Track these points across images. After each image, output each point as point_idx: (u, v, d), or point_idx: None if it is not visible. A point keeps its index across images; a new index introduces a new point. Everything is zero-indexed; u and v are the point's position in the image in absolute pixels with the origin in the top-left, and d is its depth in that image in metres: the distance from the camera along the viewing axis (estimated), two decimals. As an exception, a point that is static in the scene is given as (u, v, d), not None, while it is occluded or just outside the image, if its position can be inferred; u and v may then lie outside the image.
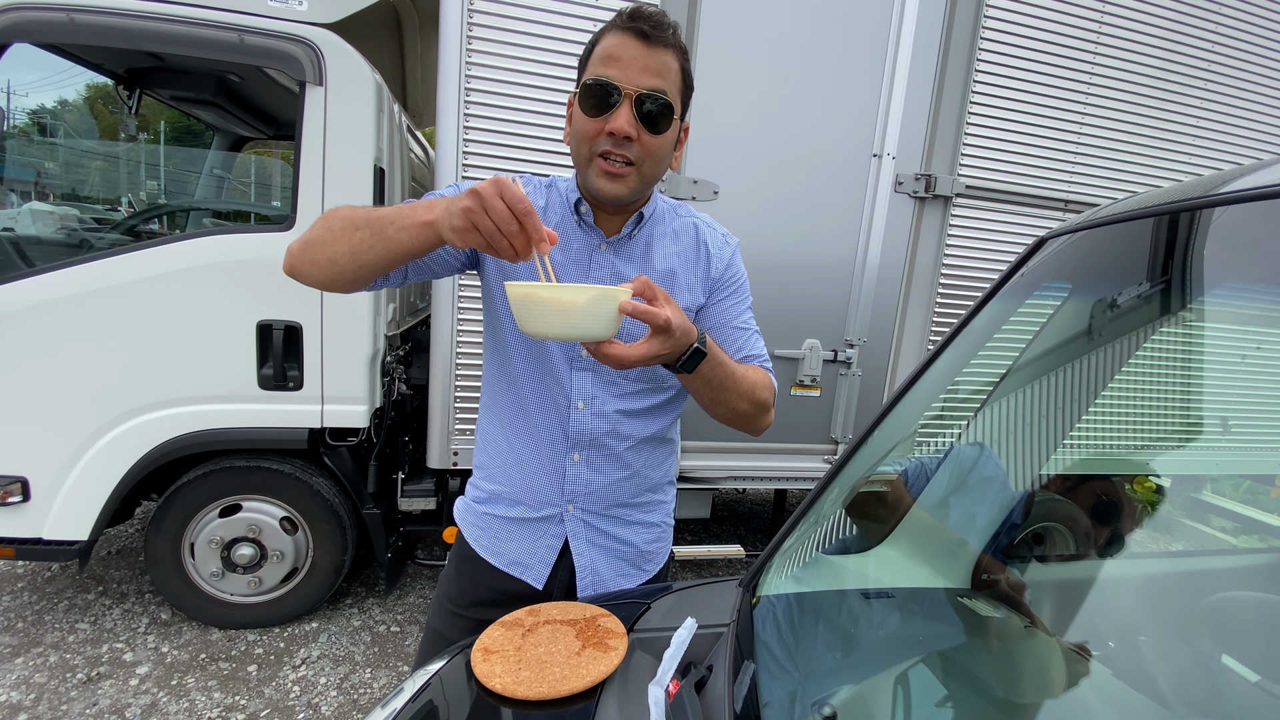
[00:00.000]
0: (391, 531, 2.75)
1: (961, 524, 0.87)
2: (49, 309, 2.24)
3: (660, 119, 0.93)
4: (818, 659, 0.80)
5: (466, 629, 1.12)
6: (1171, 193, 0.70)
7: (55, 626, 2.59)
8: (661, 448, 1.16)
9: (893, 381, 2.91)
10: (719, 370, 0.94)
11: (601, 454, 1.09)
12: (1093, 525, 0.75)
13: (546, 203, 1.07)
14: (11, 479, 2.28)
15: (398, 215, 0.85)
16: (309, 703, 2.29)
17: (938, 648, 0.76)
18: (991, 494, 0.84)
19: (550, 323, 0.77)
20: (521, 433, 1.10)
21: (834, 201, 2.68)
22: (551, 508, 1.11)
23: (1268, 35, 3.02)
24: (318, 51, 2.29)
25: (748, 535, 4.00)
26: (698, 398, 1.00)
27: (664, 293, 0.84)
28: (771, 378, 1.08)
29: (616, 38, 0.92)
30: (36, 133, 7.00)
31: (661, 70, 0.92)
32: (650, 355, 0.83)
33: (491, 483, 1.14)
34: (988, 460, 0.88)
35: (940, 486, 0.90)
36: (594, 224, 1.05)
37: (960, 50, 2.68)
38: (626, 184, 0.96)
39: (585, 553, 1.12)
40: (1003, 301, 0.92)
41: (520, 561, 1.13)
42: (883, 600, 0.88)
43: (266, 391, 2.42)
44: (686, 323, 0.86)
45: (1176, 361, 0.70)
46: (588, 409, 1.06)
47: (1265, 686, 0.53)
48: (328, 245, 0.91)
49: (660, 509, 1.20)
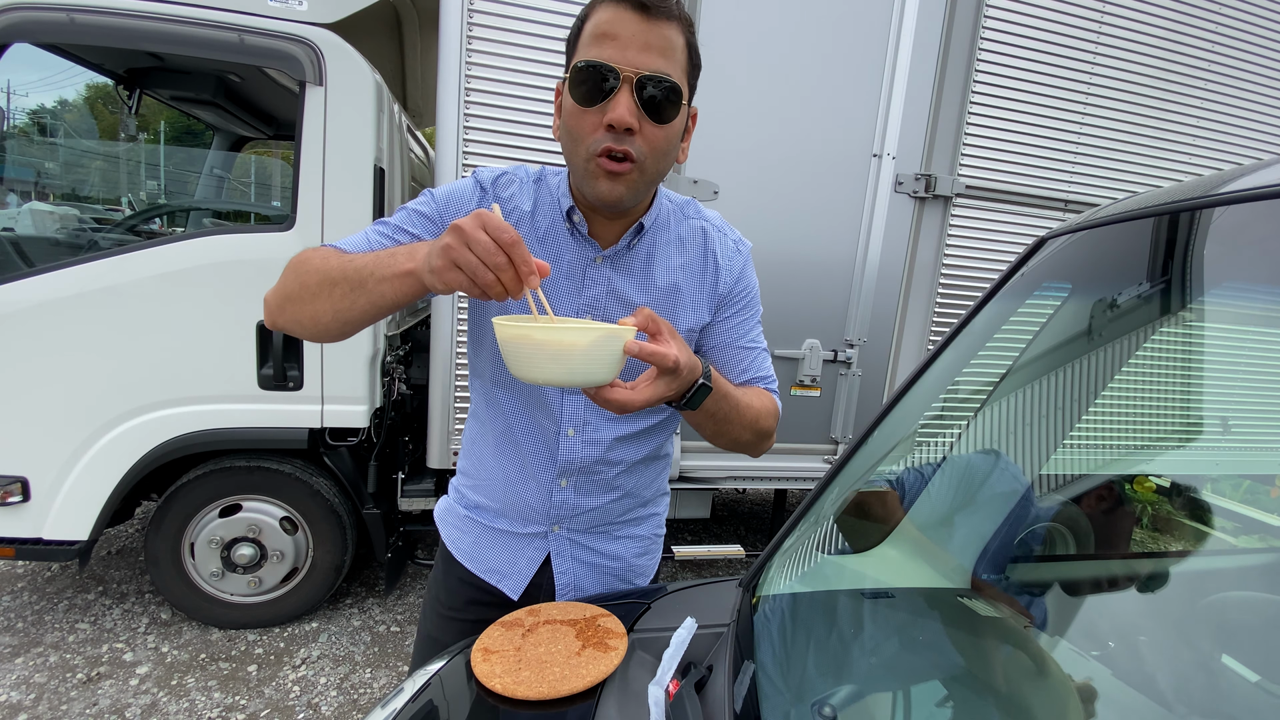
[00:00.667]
0: (391, 531, 2.75)
1: (967, 538, 0.87)
2: (49, 309, 2.24)
3: (666, 106, 0.81)
4: (818, 659, 0.80)
5: (461, 631, 1.08)
6: (1171, 193, 0.70)
7: (55, 626, 2.59)
8: (654, 464, 1.10)
9: (893, 381, 2.91)
10: (724, 403, 0.88)
11: (591, 480, 1.03)
12: (1093, 526, 0.75)
13: (535, 203, 0.95)
14: (11, 479, 2.28)
15: (376, 265, 0.77)
16: (309, 703, 2.29)
17: (938, 648, 0.76)
18: (1003, 508, 0.83)
19: (546, 368, 0.68)
20: (508, 452, 1.03)
21: (834, 201, 2.68)
22: (536, 526, 1.05)
23: (1268, 35, 3.02)
24: (318, 51, 2.29)
25: (748, 535, 4.00)
26: (699, 430, 0.93)
27: (668, 325, 0.77)
28: (776, 401, 1.02)
29: (610, 11, 0.79)
30: (36, 133, 7.01)
31: (665, 47, 0.80)
32: (656, 398, 0.77)
33: (476, 493, 1.09)
34: (1003, 472, 0.86)
35: (944, 499, 0.90)
36: (589, 234, 0.94)
37: (960, 50, 2.68)
38: (627, 183, 0.83)
39: (569, 570, 1.07)
40: (1003, 301, 0.92)
41: (497, 570, 1.07)
42: (883, 600, 0.88)
43: (266, 391, 2.42)
44: (693, 358, 0.80)
45: (1176, 361, 0.70)
46: (579, 436, 0.99)
47: (1265, 686, 0.53)
48: (307, 304, 0.83)
49: (650, 521, 1.14)
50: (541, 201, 0.95)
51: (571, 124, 0.84)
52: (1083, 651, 0.63)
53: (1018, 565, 0.78)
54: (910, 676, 0.74)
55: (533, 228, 0.94)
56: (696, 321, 0.99)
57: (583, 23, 0.83)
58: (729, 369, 1.00)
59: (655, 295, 0.96)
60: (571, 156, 0.86)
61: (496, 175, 0.97)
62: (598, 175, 0.83)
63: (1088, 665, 0.61)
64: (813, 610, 0.90)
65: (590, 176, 0.84)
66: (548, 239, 0.95)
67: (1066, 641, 0.65)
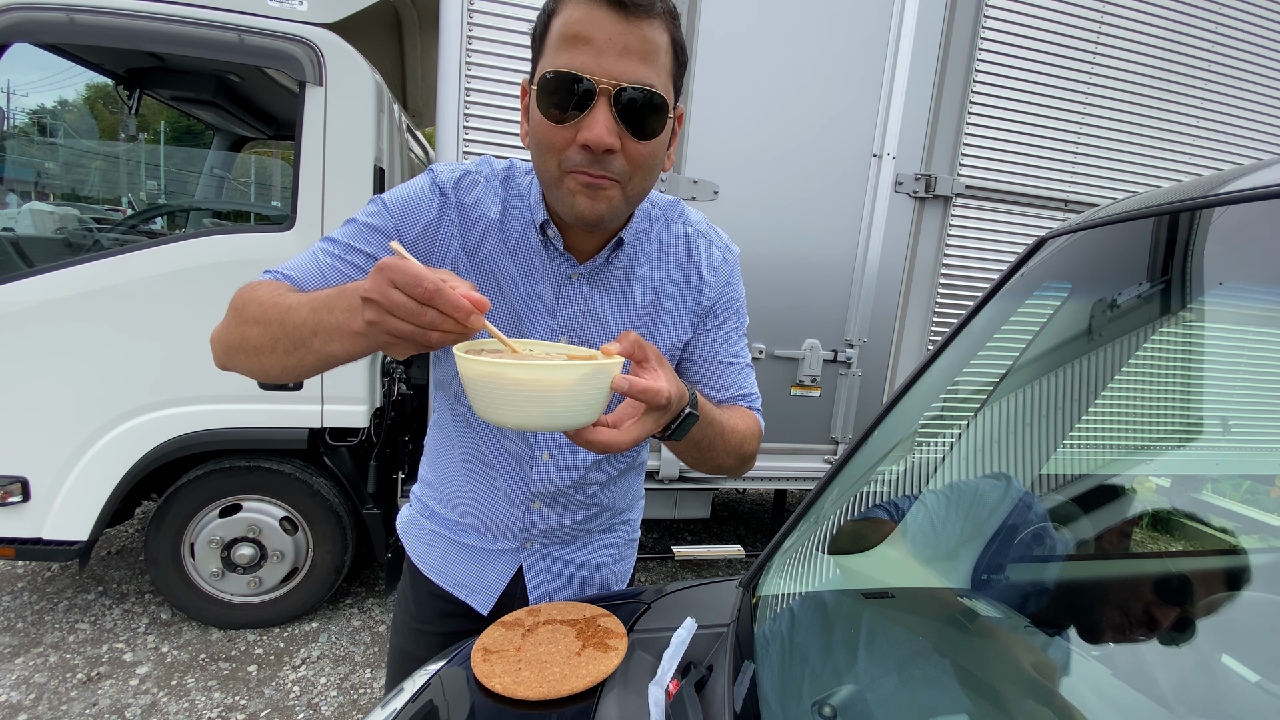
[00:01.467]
0: (391, 532, 2.74)
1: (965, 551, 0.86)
2: (49, 309, 2.24)
3: (649, 119, 0.71)
4: (818, 659, 0.80)
5: (435, 645, 1.02)
6: (1171, 193, 0.70)
7: (55, 626, 2.59)
8: (629, 475, 1.04)
9: (893, 381, 2.91)
10: (709, 430, 0.81)
11: (565, 500, 0.97)
12: (1093, 526, 0.75)
13: (503, 208, 0.85)
14: (11, 479, 2.28)
15: (321, 319, 0.65)
16: (309, 703, 2.29)
17: (938, 648, 0.76)
18: (1000, 519, 0.83)
19: (523, 411, 0.58)
20: (477, 471, 0.96)
21: (834, 201, 2.68)
22: (508, 542, 1.00)
23: (1268, 35, 3.02)
24: (318, 51, 2.29)
25: (748, 535, 4.00)
26: (681, 456, 0.86)
27: (654, 351, 0.70)
28: (759, 421, 0.96)
29: (582, 8, 0.67)
30: (36, 133, 7.01)
31: (647, 51, 0.69)
32: (643, 436, 0.68)
33: (443, 506, 1.03)
34: (1012, 503, 0.84)
35: (953, 532, 0.88)
36: (564, 249, 0.84)
37: (960, 50, 2.68)
38: (608, 200, 0.73)
39: (543, 583, 1.03)
40: (1003, 301, 0.92)
41: (466, 584, 1.02)
42: (883, 600, 0.88)
43: (266, 391, 2.42)
44: (680, 386, 0.73)
45: (1176, 361, 0.70)
46: (553, 460, 0.93)
47: (1265, 686, 0.53)
48: (252, 357, 0.74)
49: (626, 526, 1.10)
50: (510, 206, 0.85)
51: (543, 140, 0.73)
52: (1083, 651, 0.63)
53: (1017, 565, 0.78)
54: (910, 677, 0.74)
55: (502, 238, 0.85)
56: (678, 338, 0.92)
57: (549, 17, 0.71)
58: (710, 385, 0.94)
59: (634, 314, 0.89)
60: (542, 170, 0.76)
61: (458, 177, 0.85)
62: (574, 192, 0.73)
63: (1088, 665, 0.61)
64: (813, 610, 0.90)
65: (566, 194, 0.74)
66: (519, 250, 0.85)
67: (1066, 642, 0.65)
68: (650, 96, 0.70)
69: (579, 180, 0.72)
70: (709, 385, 0.95)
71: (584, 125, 0.69)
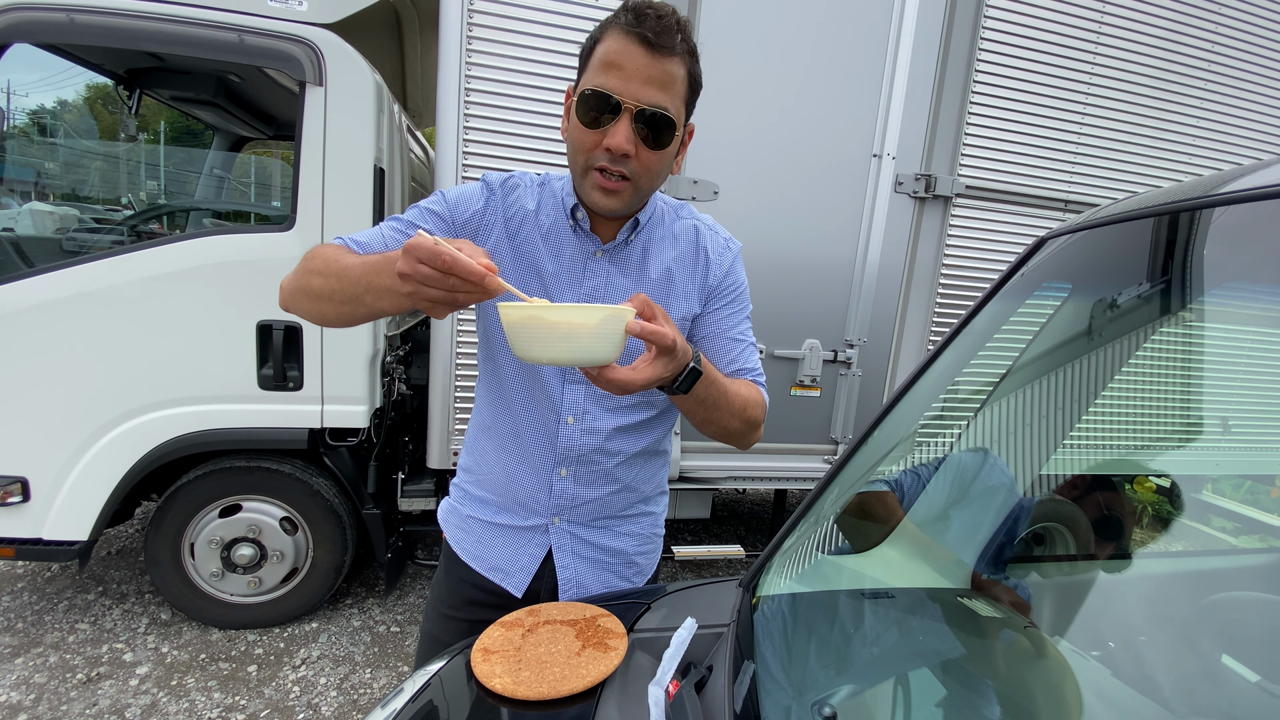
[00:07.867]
0: (391, 532, 2.75)
1: (963, 534, 0.87)
2: (49, 309, 2.24)
3: (661, 135, 0.89)
4: (818, 659, 0.80)
5: (461, 631, 1.10)
6: (1171, 193, 0.70)
7: (55, 626, 2.59)
8: (653, 460, 1.13)
9: (893, 381, 2.91)
10: (713, 389, 0.91)
11: (590, 469, 1.06)
12: (1093, 526, 0.75)
13: (539, 203, 1.03)
14: (11, 479, 2.28)
15: (375, 276, 0.80)
16: (309, 703, 2.29)
17: (938, 648, 0.76)
18: (997, 503, 0.84)
19: (555, 347, 0.72)
20: (509, 444, 1.07)
21: (834, 202, 2.68)
22: (537, 518, 1.09)
23: (1268, 35, 3.02)
24: (318, 52, 2.29)
25: (748, 535, 4.00)
26: (689, 417, 0.97)
27: (662, 311, 0.82)
28: (763, 393, 1.05)
29: (620, 41, 0.86)
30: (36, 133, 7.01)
31: (665, 81, 0.88)
32: (654, 379, 0.80)
33: (478, 488, 1.12)
34: (992, 468, 0.87)
35: (940, 497, 0.90)
36: (590, 230, 1.01)
37: (960, 50, 2.68)
38: (621, 199, 0.93)
39: (570, 565, 1.10)
40: (1003, 301, 0.92)
41: (501, 568, 1.10)
42: (883, 600, 0.88)
43: (266, 392, 2.42)
44: (684, 342, 0.84)
45: (1176, 361, 0.70)
46: (578, 424, 1.03)
47: (1265, 686, 0.53)
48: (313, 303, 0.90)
49: (649, 519, 1.17)
50: (544, 202, 1.03)
51: (576, 140, 0.92)
52: (1083, 651, 0.63)
53: (1017, 565, 0.78)
54: (910, 676, 0.74)
55: (536, 225, 1.02)
56: (688, 311, 1.05)
57: (595, 42, 0.91)
58: (718, 358, 1.04)
59: (650, 286, 1.03)
60: (573, 163, 0.95)
61: (504, 178, 1.05)
62: (594, 188, 0.93)
63: (1088, 665, 0.61)
64: (813, 610, 0.90)
65: (589, 186, 0.93)
66: (551, 235, 1.02)
67: (1066, 641, 0.65)
68: (664, 117, 0.88)
69: (598, 182, 0.92)
70: (717, 359, 1.05)
71: (610, 133, 0.88)
